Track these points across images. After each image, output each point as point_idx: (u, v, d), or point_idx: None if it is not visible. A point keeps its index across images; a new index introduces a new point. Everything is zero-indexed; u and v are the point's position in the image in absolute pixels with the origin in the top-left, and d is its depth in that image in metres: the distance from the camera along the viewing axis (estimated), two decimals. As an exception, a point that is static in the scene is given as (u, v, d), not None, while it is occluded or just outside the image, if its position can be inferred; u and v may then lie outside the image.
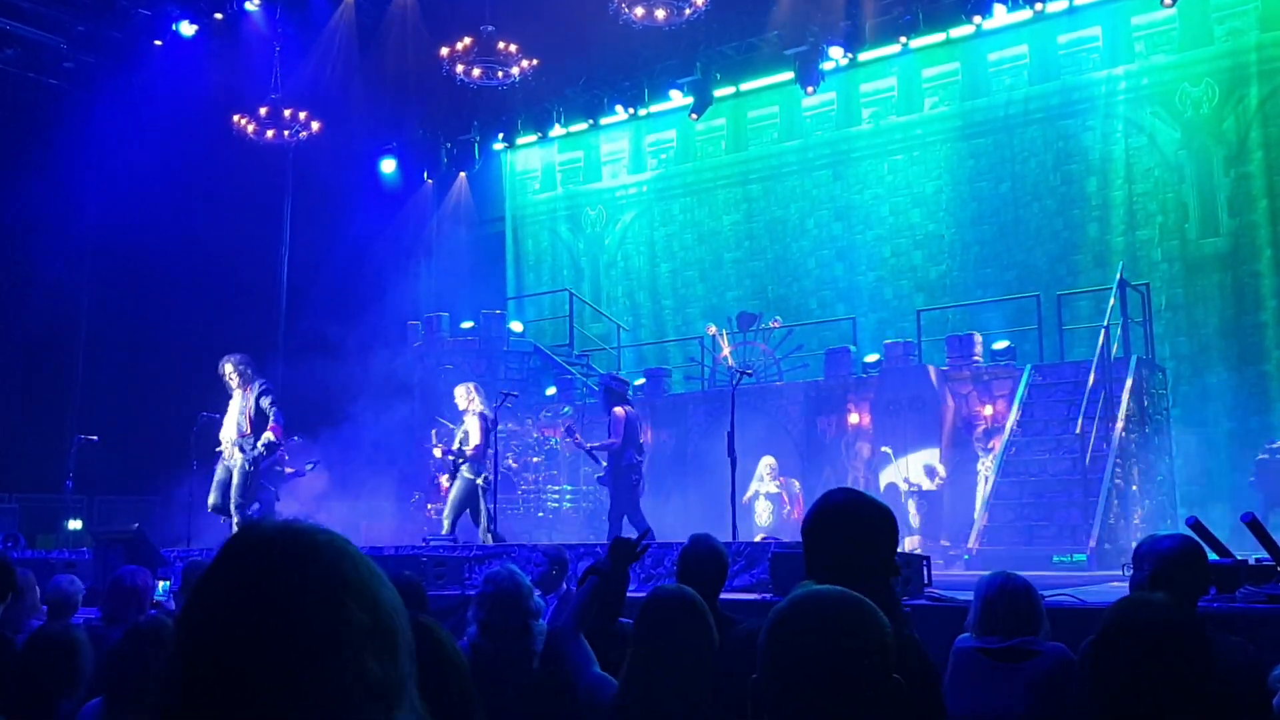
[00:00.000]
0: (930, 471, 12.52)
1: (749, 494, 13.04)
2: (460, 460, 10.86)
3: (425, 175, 19.74)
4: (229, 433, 10.50)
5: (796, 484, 13.66)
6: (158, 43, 17.41)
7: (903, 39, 15.83)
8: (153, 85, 16.68)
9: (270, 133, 16.18)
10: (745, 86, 18.06)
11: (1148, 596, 2.77)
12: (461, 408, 11.14)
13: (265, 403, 10.40)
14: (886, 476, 12.88)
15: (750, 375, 11.65)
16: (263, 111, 16.14)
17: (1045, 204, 16.28)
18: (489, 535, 10.64)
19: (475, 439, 10.88)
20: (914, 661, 2.49)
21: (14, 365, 14.70)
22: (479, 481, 10.78)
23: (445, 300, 17.06)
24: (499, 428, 11.15)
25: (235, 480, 10.23)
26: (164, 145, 15.60)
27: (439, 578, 8.60)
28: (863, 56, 16.46)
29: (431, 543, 10.57)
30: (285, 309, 18.51)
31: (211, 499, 10.30)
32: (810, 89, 16.17)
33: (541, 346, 17.29)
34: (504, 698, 3.44)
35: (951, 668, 3.79)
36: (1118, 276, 12.66)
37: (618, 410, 10.56)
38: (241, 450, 10.27)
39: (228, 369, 10.58)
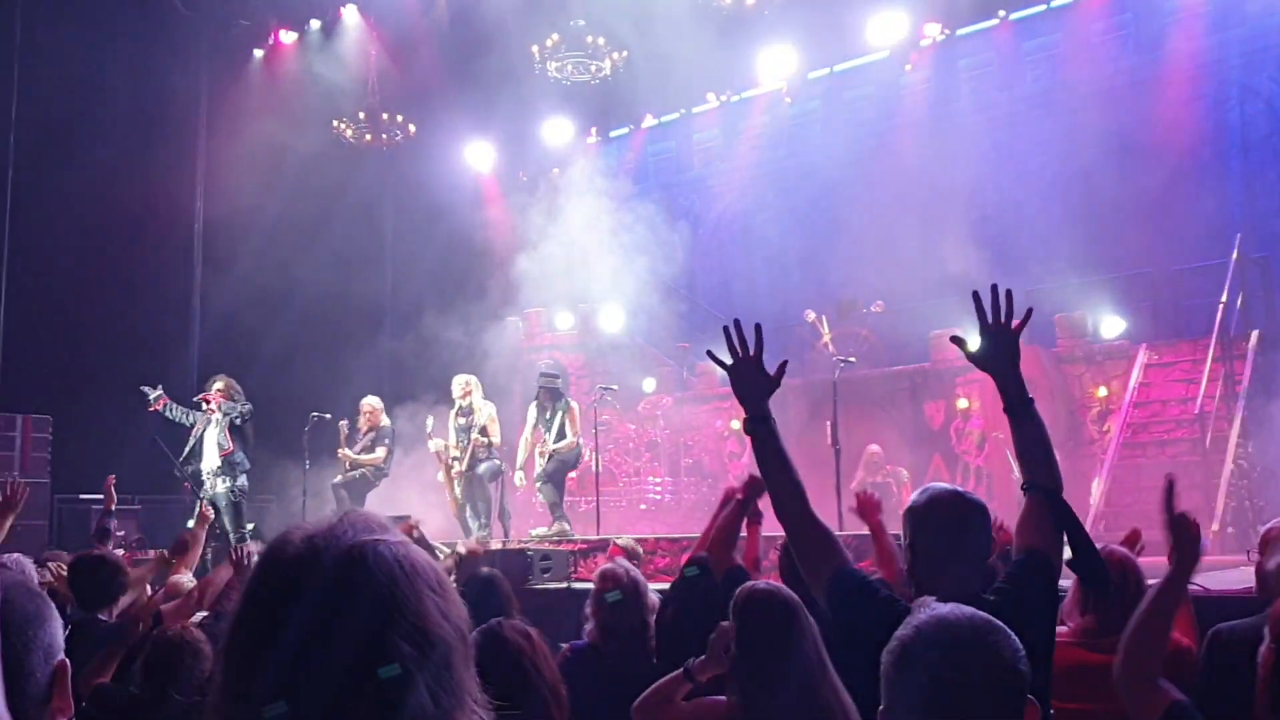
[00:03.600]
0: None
1: (854, 483, 12.83)
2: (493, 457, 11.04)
3: (520, 173, 19.86)
4: (211, 462, 9.84)
5: (904, 472, 13.41)
6: (259, 52, 17.85)
7: (1001, 12, 15.43)
8: (256, 93, 17.17)
9: (368, 136, 16.48)
10: (840, 67, 17.79)
11: None
12: (467, 400, 11.07)
13: (249, 428, 9.90)
14: (999, 463, 12.57)
15: (852, 361, 11.48)
16: (361, 115, 16.44)
17: (1156, 176, 15.68)
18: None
19: (498, 434, 11.04)
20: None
21: (131, 372, 15.15)
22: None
23: (543, 295, 17.13)
24: (599, 420, 11.16)
25: (225, 515, 9.65)
26: (269, 151, 15.97)
27: (545, 571, 8.65)
28: (960, 31, 16.08)
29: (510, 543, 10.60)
30: (390, 310, 18.83)
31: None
32: (907, 66, 15.86)
33: (639, 338, 17.26)
34: (631, 699, 3.36)
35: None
36: (1235, 250, 12.15)
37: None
38: (225, 478, 9.73)
39: (219, 386, 10.01)
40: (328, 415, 11.92)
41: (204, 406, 10.14)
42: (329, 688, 1.02)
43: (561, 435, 11.00)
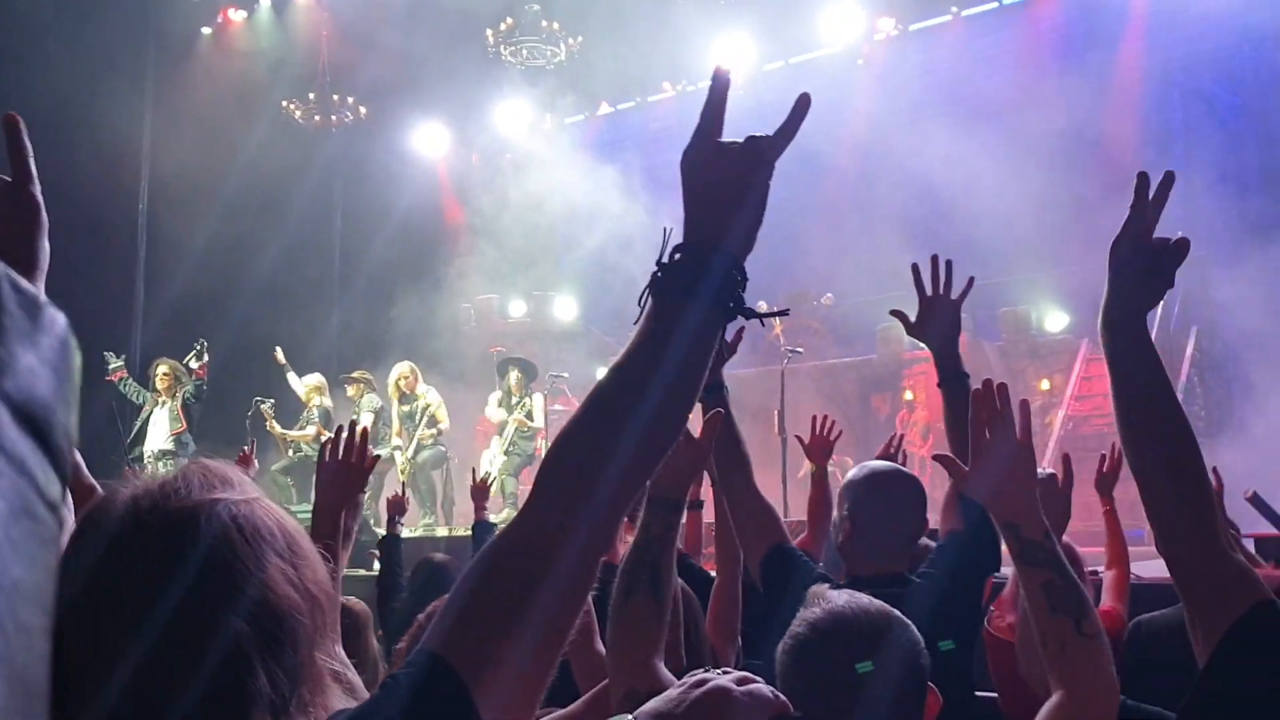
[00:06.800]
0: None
1: (802, 472, 12.93)
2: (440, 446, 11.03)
3: (473, 157, 19.74)
4: (155, 443, 9.53)
5: (850, 462, 13.54)
6: (207, 30, 17.57)
7: (953, 9, 15.57)
8: (203, 72, 16.90)
9: (318, 118, 16.29)
10: (795, 60, 17.83)
11: None
12: (413, 391, 11.00)
13: (196, 409, 9.73)
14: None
15: (800, 352, 11.57)
16: (311, 96, 16.24)
17: (1101, 176, 15.86)
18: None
19: (446, 419, 11.06)
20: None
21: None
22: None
23: (495, 283, 17.07)
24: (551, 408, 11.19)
25: None
26: (218, 132, 15.74)
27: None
28: (913, 27, 16.20)
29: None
30: (340, 294, 18.64)
31: None
32: (859, 60, 15.96)
33: (594, 327, 17.25)
34: None
35: None
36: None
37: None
38: (171, 459, 9.53)
39: (164, 370, 9.88)
40: (271, 400, 11.83)
41: (159, 388, 9.99)
42: (155, 680, 0.87)
43: (530, 419, 11.15)
